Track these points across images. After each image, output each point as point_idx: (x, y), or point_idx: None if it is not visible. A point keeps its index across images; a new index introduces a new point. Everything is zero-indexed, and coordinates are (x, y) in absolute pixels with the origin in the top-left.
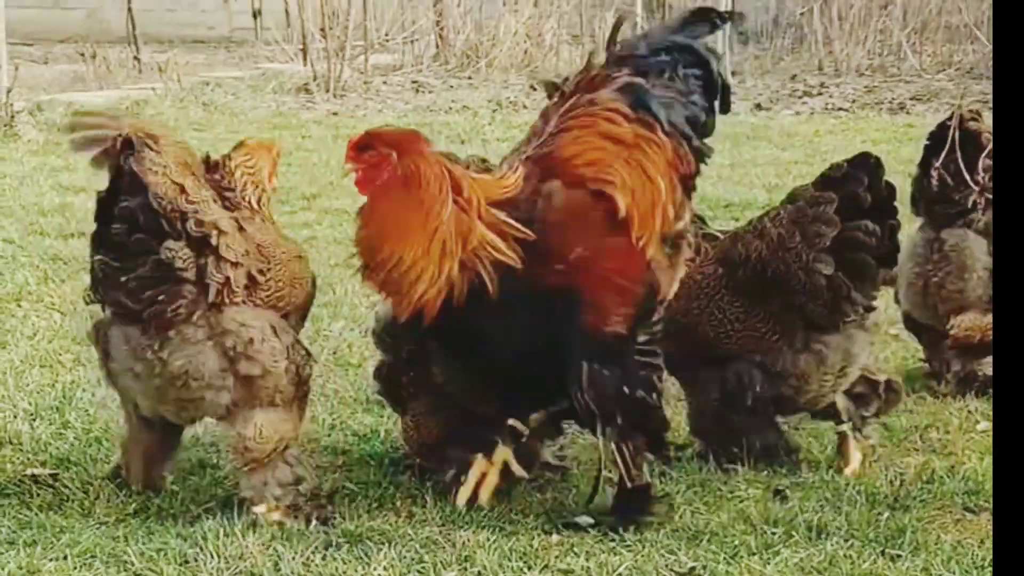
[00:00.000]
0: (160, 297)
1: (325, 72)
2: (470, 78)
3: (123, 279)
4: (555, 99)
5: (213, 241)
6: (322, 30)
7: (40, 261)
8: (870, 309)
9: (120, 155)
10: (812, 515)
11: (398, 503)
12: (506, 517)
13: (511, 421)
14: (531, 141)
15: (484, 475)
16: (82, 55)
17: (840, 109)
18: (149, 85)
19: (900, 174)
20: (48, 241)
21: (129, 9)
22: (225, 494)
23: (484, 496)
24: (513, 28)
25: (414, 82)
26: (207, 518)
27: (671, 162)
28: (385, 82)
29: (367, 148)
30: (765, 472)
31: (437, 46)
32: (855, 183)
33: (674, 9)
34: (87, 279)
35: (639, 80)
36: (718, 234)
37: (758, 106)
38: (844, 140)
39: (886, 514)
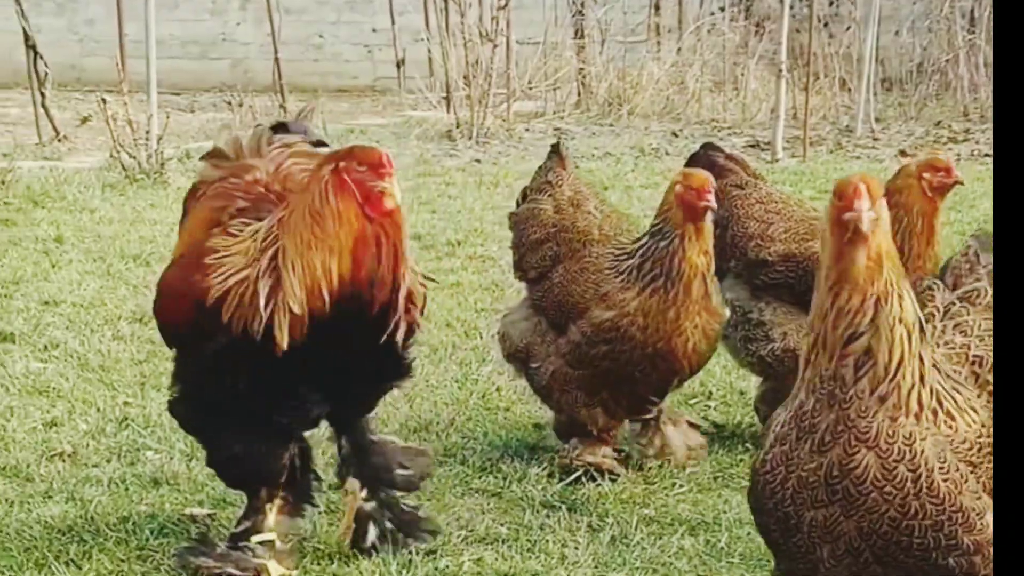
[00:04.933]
0: None
1: (468, 119)
2: (612, 125)
3: None
4: None
5: None
6: (465, 78)
7: None
8: None
9: None
10: None
11: (550, 545)
12: (659, 559)
13: None
14: None
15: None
16: (228, 103)
17: (986, 155)
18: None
19: None
20: None
21: (276, 59)
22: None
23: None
24: (656, 76)
25: (556, 129)
26: (362, 558)
27: None
28: (527, 129)
29: None
30: None
31: (579, 93)
32: None
33: (818, 57)
34: None
35: None
36: None
37: (902, 152)
38: (991, 186)
39: None
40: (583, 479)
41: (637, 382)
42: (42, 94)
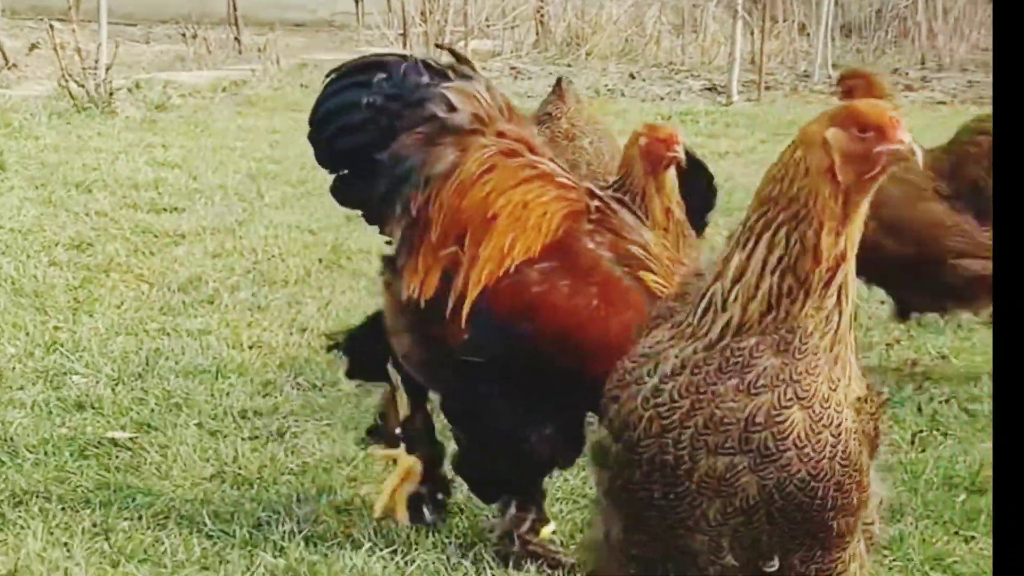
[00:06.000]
0: None
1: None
2: (569, 65)
3: None
4: None
5: None
6: (423, 15)
7: (131, 234)
8: None
9: None
10: (888, 495)
11: None
12: None
13: None
14: None
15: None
16: (183, 35)
17: (940, 103)
18: (248, 66)
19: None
20: (140, 215)
21: None
22: (300, 466)
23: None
24: (615, 16)
25: (513, 68)
26: (281, 485)
27: None
28: (484, 68)
29: None
30: None
31: (537, 33)
32: None
33: (777, 1)
34: (176, 251)
35: None
36: None
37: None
38: (944, 134)
39: (963, 496)
40: None
41: None
42: None
